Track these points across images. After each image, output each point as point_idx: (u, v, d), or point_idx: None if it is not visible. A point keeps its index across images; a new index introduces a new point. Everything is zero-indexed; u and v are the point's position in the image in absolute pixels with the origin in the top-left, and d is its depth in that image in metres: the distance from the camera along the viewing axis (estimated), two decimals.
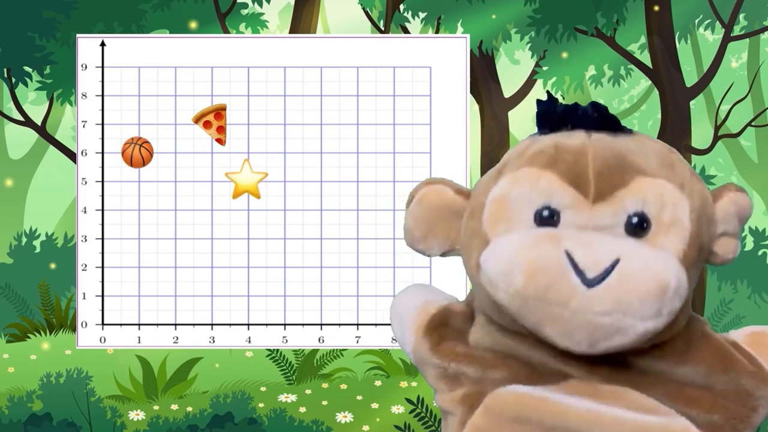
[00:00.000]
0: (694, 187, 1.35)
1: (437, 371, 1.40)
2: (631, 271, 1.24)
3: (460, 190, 1.42)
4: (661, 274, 1.25)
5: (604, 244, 1.26)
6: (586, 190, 1.30)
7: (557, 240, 1.26)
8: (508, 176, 1.37)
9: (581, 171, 1.31)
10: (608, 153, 1.32)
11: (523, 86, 4.07)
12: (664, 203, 1.31)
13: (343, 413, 3.59)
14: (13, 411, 3.56)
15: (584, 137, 1.35)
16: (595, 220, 1.30)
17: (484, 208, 1.36)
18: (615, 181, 1.30)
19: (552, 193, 1.31)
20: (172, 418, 3.58)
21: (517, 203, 1.33)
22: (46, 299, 3.87)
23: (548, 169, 1.33)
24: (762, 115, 3.97)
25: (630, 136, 1.37)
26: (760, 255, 3.95)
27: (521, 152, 1.40)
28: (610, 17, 3.85)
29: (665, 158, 1.36)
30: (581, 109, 1.37)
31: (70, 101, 3.76)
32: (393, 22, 3.89)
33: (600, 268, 1.23)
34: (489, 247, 1.32)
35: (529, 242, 1.27)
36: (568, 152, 1.33)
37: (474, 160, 3.96)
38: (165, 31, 3.75)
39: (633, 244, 1.28)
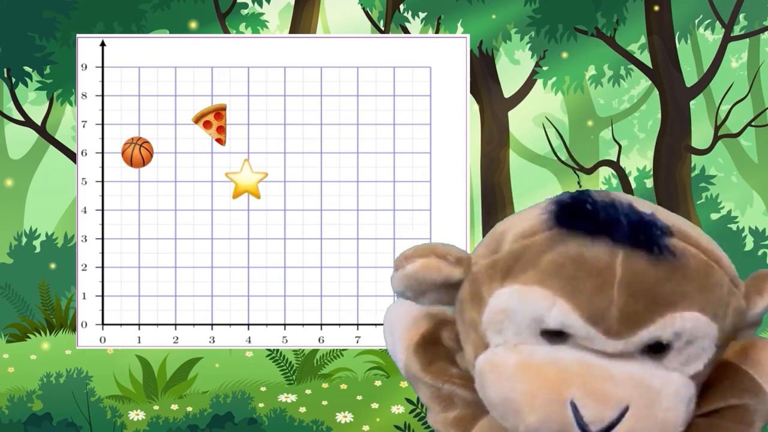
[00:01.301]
0: (729, 308, 1.23)
1: (430, 390, 1.35)
2: (637, 428, 1.18)
3: (458, 260, 1.27)
4: (670, 427, 1.20)
5: (612, 393, 1.18)
6: (606, 328, 1.18)
7: (562, 389, 1.18)
8: (516, 288, 1.21)
9: (603, 307, 1.17)
10: (639, 284, 1.17)
11: (523, 86, 4.07)
12: (692, 338, 1.21)
13: (343, 413, 3.59)
14: (13, 411, 3.56)
15: (612, 253, 1.17)
16: (610, 349, 1.20)
17: (484, 305, 1.25)
18: (641, 321, 1.17)
19: (565, 324, 1.19)
20: (172, 418, 3.58)
21: (523, 322, 1.21)
22: (46, 299, 3.87)
23: (564, 297, 1.18)
24: (762, 115, 3.98)
25: (667, 257, 1.19)
26: (760, 255, 3.95)
27: (537, 253, 1.21)
28: (610, 17, 3.85)
29: (704, 278, 1.21)
30: (617, 224, 1.17)
31: (70, 101, 3.76)
32: (393, 22, 3.89)
33: (606, 421, 1.18)
34: (489, 360, 1.24)
35: (532, 385, 1.19)
36: (591, 277, 1.17)
37: (474, 160, 3.96)
38: (165, 31, 3.75)
39: (645, 379, 1.20)
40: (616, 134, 4.06)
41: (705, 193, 4.02)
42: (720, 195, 4.03)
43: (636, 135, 4.25)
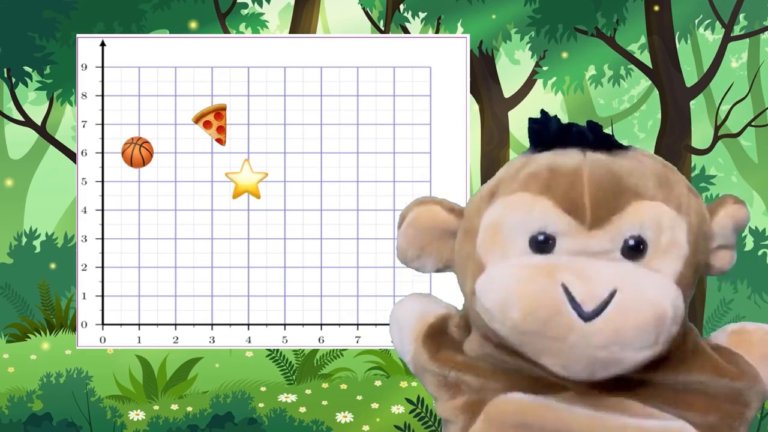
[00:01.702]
0: (691, 205, 1.35)
1: (437, 379, 1.40)
2: (627, 302, 1.23)
3: (452, 209, 1.42)
4: (658, 305, 1.25)
5: (600, 274, 1.25)
6: (581, 216, 1.29)
7: (553, 272, 1.25)
8: (501, 200, 1.34)
9: (577, 197, 1.29)
10: (604, 177, 1.31)
11: (523, 86, 4.07)
12: (661, 227, 1.30)
13: (343, 413, 3.59)
14: (13, 411, 3.56)
15: (579, 157, 1.33)
16: (592, 246, 1.29)
17: (477, 232, 1.35)
18: (611, 207, 1.29)
19: (547, 220, 1.29)
20: (172, 418, 3.58)
21: (511, 230, 1.31)
22: (46, 299, 3.87)
23: (543, 195, 1.30)
24: (762, 115, 3.98)
25: (626, 155, 1.36)
26: (760, 255, 3.96)
27: (515, 173, 1.35)
28: (610, 17, 3.85)
29: (662, 177, 1.34)
30: (576, 129, 1.35)
31: (70, 101, 3.76)
32: (393, 22, 3.89)
33: (597, 301, 1.23)
34: (484, 276, 1.31)
35: (524, 275, 1.26)
36: (563, 176, 1.31)
37: (474, 160, 3.96)
38: (165, 31, 3.75)
39: (629, 271, 1.27)
40: (616, 134, 4.05)
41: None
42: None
43: (636, 135, 4.25)
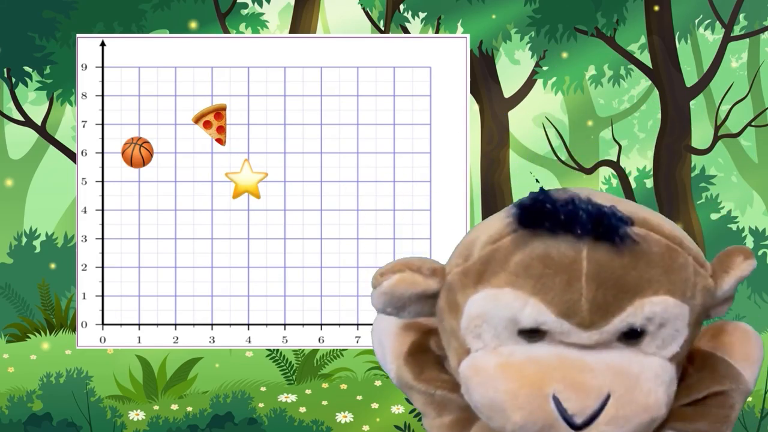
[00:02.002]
0: (697, 286, 1.27)
1: (423, 397, 1.37)
2: (620, 411, 1.21)
3: (433, 271, 1.28)
4: (652, 408, 1.23)
5: (593, 381, 1.22)
6: (578, 320, 1.22)
7: (544, 381, 1.21)
8: (488, 292, 1.24)
9: (573, 301, 1.21)
10: (605, 274, 1.21)
11: (523, 86, 4.07)
12: (664, 321, 1.24)
13: (343, 413, 3.59)
14: (13, 411, 3.56)
15: (577, 248, 1.21)
16: (586, 341, 1.23)
17: (461, 312, 1.27)
18: (612, 309, 1.21)
19: (539, 321, 1.22)
20: (172, 418, 3.58)
21: (499, 324, 1.24)
22: (46, 299, 3.87)
23: (535, 295, 1.21)
24: (762, 115, 3.98)
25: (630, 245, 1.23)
26: (760, 255, 3.96)
27: (504, 258, 1.24)
28: (610, 17, 3.85)
29: (669, 262, 1.24)
30: (578, 220, 1.21)
31: (70, 101, 3.76)
32: (393, 22, 3.89)
33: (588, 412, 1.21)
34: (470, 362, 1.27)
35: (515, 383, 1.22)
36: (558, 273, 1.21)
37: (474, 160, 3.96)
38: (165, 31, 3.75)
39: (623, 369, 1.23)
40: (616, 134, 4.06)
41: (705, 193, 4.02)
42: (720, 195, 4.03)
43: (636, 135, 4.25)
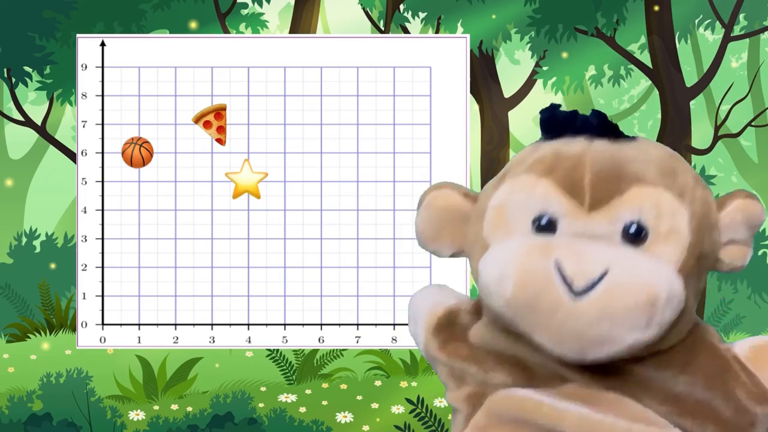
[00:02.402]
0: (696, 195, 1.35)
1: (446, 369, 1.44)
2: (618, 282, 1.24)
3: (467, 195, 1.43)
4: (650, 286, 1.25)
5: (595, 254, 1.26)
6: (581, 198, 1.31)
7: (549, 250, 1.27)
8: (508, 183, 1.37)
9: (577, 179, 1.32)
10: (606, 161, 1.33)
11: (523, 86, 4.07)
12: (661, 212, 1.31)
13: (343, 413, 3.59)
14: (13, 411, 3.56)
15: (585, 145, 1.35)
16: (591, 229, 1.30)
17: (485, 214, 1.38)
18: (611, 190, 1.31)
19: (548, 201, 1.32)
20: (172, 418, 3.58)
21: (514, 211, 1.34)
22: (46, 299, 3.87)
23: (545, 177, 1.33)
24: (762, 115, 3.98)
25: (632, 143, 1.37)
26: (760, 255, 3.96)
27: (523, 159, 1.39)
28: (610, 17, 3.85)
29: (666, 166, 1.35)
30: (581, 117, 1.36)
31: (70, 101, 3.76)
32: (393, 22, 3.89)
33: (587, 279, 1.24)
34: (486, 254, 1.34)
35: (521, 252, 1.28)
36: (566, 160, 1.34)
37: (474, 160, 3.96)
38: (165, 31, 3.75)
39: (626, 254, 1.28)
40: None
41: None
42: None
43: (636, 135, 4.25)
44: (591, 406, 1.31)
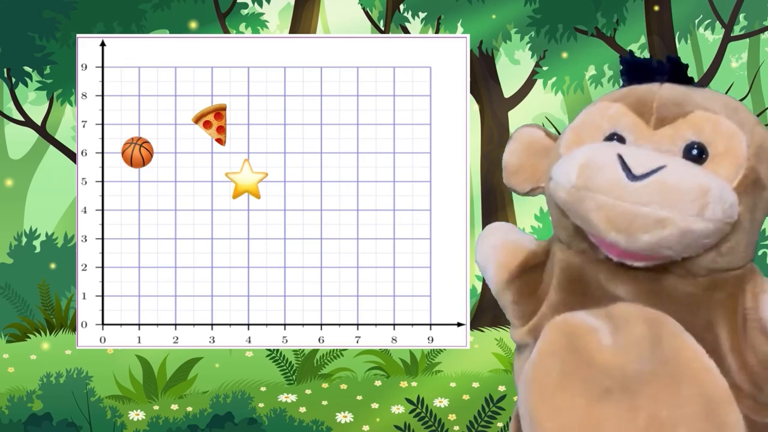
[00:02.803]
0: (755, 129, 1.45)
1: (515, 310, 1.57)
2: (674, 173, 1.34)
3: (550, 134, 1.60)
4: (703, 180, 1.34)
5: (655, 155, 1.38)
6: (648, 117, 1.45)
7: (615, 147, 1.40)
8: (585, 109, 1.55)
9: (647, 101, 1.46)
10: (675, 91, 1.47)
11: (523, 86, 4.07)
12: (720, 133, 1.42)
13: (343, 413, 3.59)
14: (13, 411, 3.56)
15: (657, 84, 1.49)
16: (655, 144, 1.43)
17: (563, 137, 1.53)
18: (676, 111, 1.43)
19: (618, 119, 1.46)
20: (172, 418, 3.58)
21: (588, 129, 1.49)
22: (46, 299, 3.87)
23: (619, 101, 1.48)
24: (762, 115, 3.97)
25: (701, 88, 1.49)
26: (760, 255, 3.95)
27: (604, 96, 1.55)
28: (610, 17, 3.85)
29: (730, 105, 1.46)
30: (657, 61, 1.51)
31: (70, 101, 3.76)
32: (393, 22, 3.89)
33: (645, 168, 1.35)
34: (559, 160, 1.47)
35: (590, 147, 1.42)
36: (639, 90, 1.49)
37: (474, 160, 3.97)
38: (165, 31, 3.75)
39: (684, 162, 1.39)
40: None
41: None
42: None
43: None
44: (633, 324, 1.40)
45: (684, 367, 1.37)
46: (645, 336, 1.39)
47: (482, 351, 3.77)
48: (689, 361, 1.37)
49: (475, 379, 3.68)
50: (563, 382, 1.42)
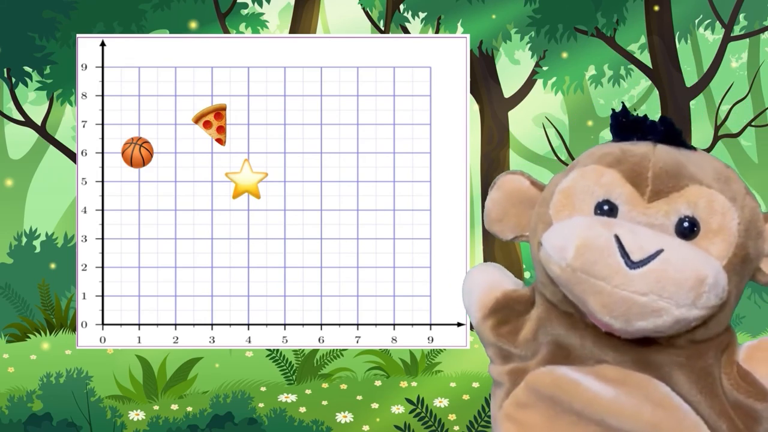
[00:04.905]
0: (746, 202, 1.47)
1: (493, 348, 1.58)
2: (671, 260, 1.35)
3: (535, 183, 1.57)
4: (699, 269, 1.36)
5: (651, 236, 1.38)
6: (643, 189, 1.44)
7: (610, 225, 1.39)
8: (576, 171, 1.50)
9: (641, 172, 1.44)
10: (668, 161, 1.45)
11: (523, 86, 4.07)
12: (713, 210, 1.43)
13: (343, 413, 3.59)
14: (13, 411, 3.56)
15: (650, 146, 1.48)
16: (649, 218, 1.42)
17: (552, 197, 1.50)
18: (670, 185, 1.43)
19: (612, 188, 1.45)
20: (172, 418, 3.58)
21: (580, 194, 1.47)
22: (46, 299, 3.88)
23: (612, 167, 1.46)
24: (762, 115, 3.97)
25: (692, 151, 1.49)
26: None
27: (591, 153, 1.53)
28: (610, 17, 3.85)
29: (721, 174, 1.47)
30: (650, 122, 1.50)
31: (70, 101, 3.76)
32: (393, 22, 3.89)
33: (644, 254, 1.35)
34: (550, 228, 1.46)
35: (585, 224, 1.40)
36: (633, 156, 1.47)
37: (474, 160, 3.96)
38: (165, 31, 3.75)
39: (679, 242, 1.39)
40: None
41: None
42: None
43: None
44: (622, 387, 1.43)
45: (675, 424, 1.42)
46: (633, 394, 1.43)
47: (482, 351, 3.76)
48: (680, 420, 1.42)
49: (475, 379, 3.68)
50: (550, 426, 1.46)
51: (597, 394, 1.43)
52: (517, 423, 1.49)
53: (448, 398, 3.62)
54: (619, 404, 1.42)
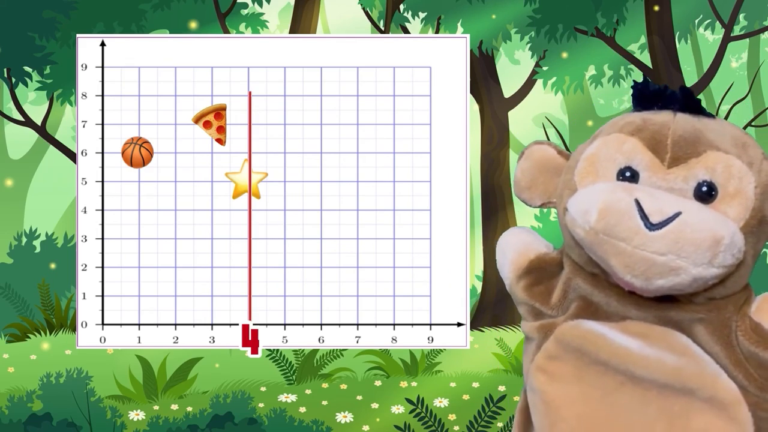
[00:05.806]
0: (763, 167, 1.54)
1: (526, 306, 1.67)
2: (689, 222, 1.43)
3: (561, 152, 1.67)
4: (716, 230, 1.43)
5: (670, 200, 1.46)
6: (663, 156, 1.52)
7: (631, 190, 1.47)
8: (600, 140, 1.59)
9: (661, 139, 1.53)
10: (687, 128, 1.53)
11: (523, 86, 4.07)
12: (731, 174, 1.50)
13: (343, 413, 3.59)
14: (13, 411, 3.56)
15: (670, 116, 1.55)
16: (669, 183, 1.51)
17: (577, 165, 1.58)
18: (689, 151, 1.51)
19: (633, 155, 1.53)
20: (172, 418, 3.58)
21: (603, 161, 1.55)
22: (46, 299, 3.87)
23: (634, 135, 1.55)
24: (762, 115, 3.97)
25: (711, 119, 1.56)
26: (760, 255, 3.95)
27: (614, 123, 1.61)
28: (610, 17, 3.85)
29: (739, 140, 1.54)
30: (670, 91, 1.57)
31: (70, 101, 3.76)
32: (393, 22, 3.89)
33: (663, 216, 1.43)
34: (575, 194, 1.54)
35: (607, 189, 1.48)
36: (653, 124, 1.55)
37: (474, 160, 3.97)
38: (165, 31, 3.75)
39: (697, 205, 1.47)
40: None
41: None
42: None
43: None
44: (645, 339, 1.51)
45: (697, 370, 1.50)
46: (656, 345, 1.51)
47: (482, 351, 3.77)
48: (702, 367, 1.50)
49: (475, 379, 3.68)
50: (579, 375, 1.54)
51: (622, 346, 1.51)
52: (548, 374, 1.58)
53: (448, 398, 3.62)
54: (643, 354, 1.50)
